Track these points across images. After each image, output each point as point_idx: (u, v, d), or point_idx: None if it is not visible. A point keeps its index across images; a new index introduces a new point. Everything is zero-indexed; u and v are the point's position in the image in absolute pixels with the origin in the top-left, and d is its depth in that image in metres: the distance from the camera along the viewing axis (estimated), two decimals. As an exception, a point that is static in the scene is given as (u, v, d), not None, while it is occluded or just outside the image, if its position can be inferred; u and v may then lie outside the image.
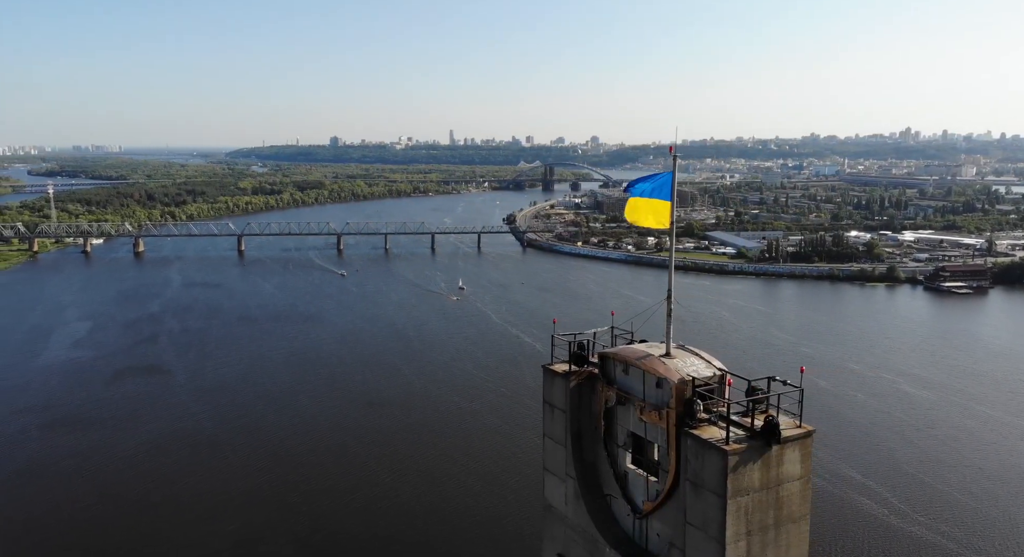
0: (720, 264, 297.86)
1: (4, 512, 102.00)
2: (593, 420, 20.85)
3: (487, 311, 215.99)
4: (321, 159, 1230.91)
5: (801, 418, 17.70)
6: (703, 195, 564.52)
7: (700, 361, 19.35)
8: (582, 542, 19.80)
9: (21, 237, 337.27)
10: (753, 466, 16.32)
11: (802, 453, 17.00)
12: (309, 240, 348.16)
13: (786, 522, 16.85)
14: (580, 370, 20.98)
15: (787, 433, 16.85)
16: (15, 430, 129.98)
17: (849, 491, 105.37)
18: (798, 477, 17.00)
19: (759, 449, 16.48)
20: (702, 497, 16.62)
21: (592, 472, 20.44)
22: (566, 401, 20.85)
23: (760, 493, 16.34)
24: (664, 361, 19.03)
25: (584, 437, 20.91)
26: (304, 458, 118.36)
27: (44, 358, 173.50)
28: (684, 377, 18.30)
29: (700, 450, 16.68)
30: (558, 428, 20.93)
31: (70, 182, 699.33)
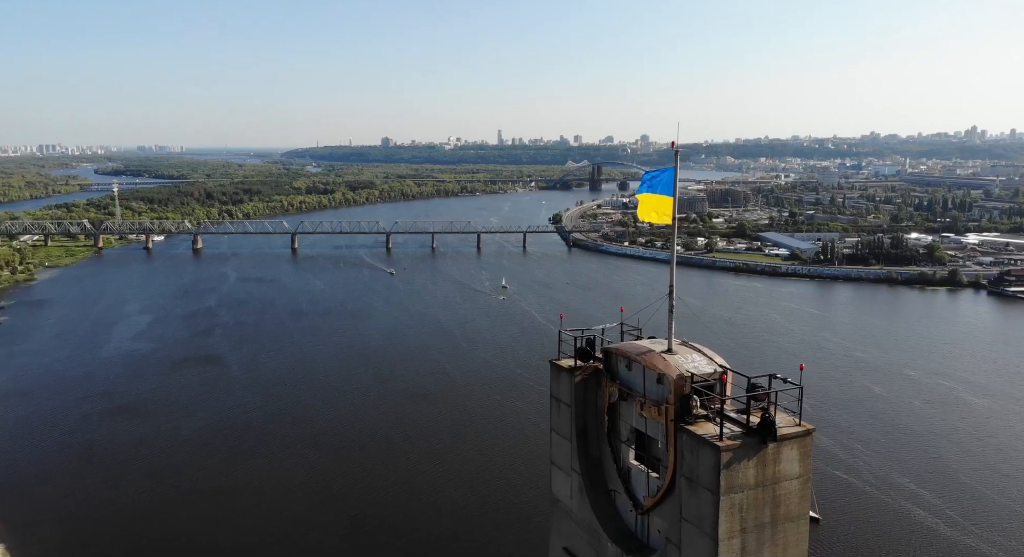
0: (773, 266, 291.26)
1: (66, 493, 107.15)
2: (598, 415, 20.84)
3: (531, 310, 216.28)
4: (373, 159, 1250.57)
5: (800, 416, 17.38)
6: (756, 195, 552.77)
7: (702, 358, 19.16)
8: (586, 536, 19.82)
9: (87, 233, 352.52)
10: (748, 463, 16.04)
11: (801, 452, 16.64)
12: (359, 239, 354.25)
13: (784, 521, 16.50)
14: (585, 365, 20.98)
15: (785, 431, 16.55)
16: (78, 416, 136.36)
17: (901, 499, 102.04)
18: (796, 476, 16.64)
19: (754, 446, 16.22)
20: (697, 493, 16.47)
21: (597, 467, 20.43)
22: (571, 396, 20.90)
23: (756, 490, 16.06)
24: (665, 357, 18.92)
25: (589, 432, 20.91)
26: (349, 450, 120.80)
27: (107, 349, 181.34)
28: (683, 373, 18.15)
29: (695, 446, 16.52)
30: (564, 423, 20.99)
31: (134, 181, 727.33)
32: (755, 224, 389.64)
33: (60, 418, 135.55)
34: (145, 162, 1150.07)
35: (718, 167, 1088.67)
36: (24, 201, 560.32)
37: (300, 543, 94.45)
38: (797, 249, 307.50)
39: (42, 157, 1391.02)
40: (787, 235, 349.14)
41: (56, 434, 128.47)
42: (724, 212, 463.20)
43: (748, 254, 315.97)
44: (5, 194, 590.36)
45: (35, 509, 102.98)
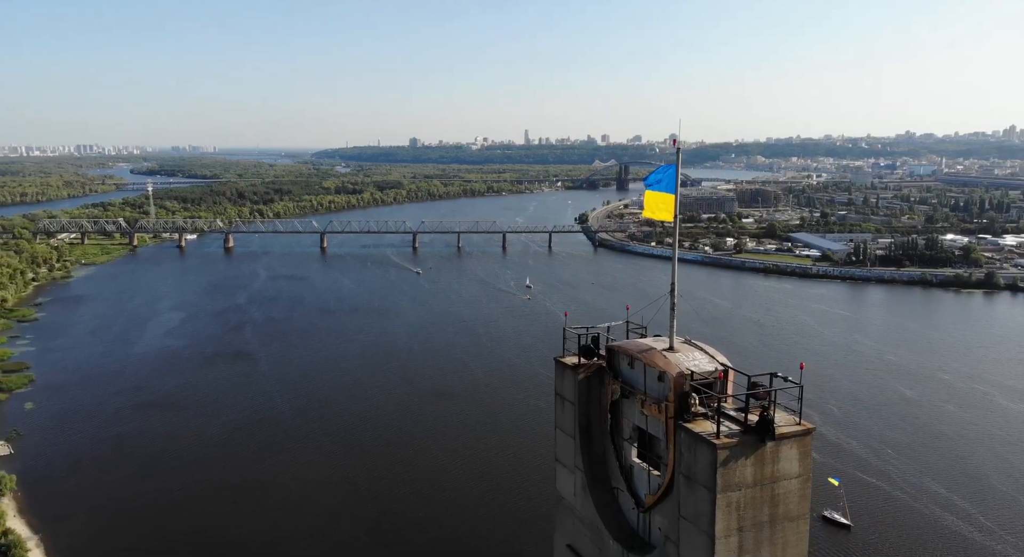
0: (803, 267, 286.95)
1: (98, 485, 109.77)
2: (601, 413, 20.81)
3: (555, 309, 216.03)
4: (400, 160, 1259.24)
5: (801, 415, 17.13)
6: (787, 195, 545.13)
7: (703, 356, 18.99)
8: (589, 533, 19.82)
9: (123, 232, 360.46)
10: (745, 461, 15.92)
11: (800, 451, 16.41)
12: (387, 238, 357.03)
13: (783, 520, 16.30)
14: (588, 363, 20.94)
15: (784, 430, 16.33)
16: (112, 410, 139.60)
17: (932, 505, 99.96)
18: (796, 475, 16.43)
19: (752, 445, 16.04)
20: (694, 491, 16.41)
21: (600, 464, 20.40)
22: (575, 393, 20.88)
23: (753, 489, 15.90)
24: (666, 355, 18.79)
25: (593, 429, 20.89)
26: (374, 447, 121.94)
27: (140, 345, 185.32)
28: (683, 371, 18.03)
29: (692, 443, 16.44)
30: (568, 420, 21.01)
31: (168, 181, 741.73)
32: (785, 224, 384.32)
33: (94, 411, 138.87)
34: (179, 162, 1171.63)
35: (748, 167, 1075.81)
36: (62, 200, 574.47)
37: (326, 538, 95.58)
38: (828, 250, 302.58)
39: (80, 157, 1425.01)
40: (818, 236, 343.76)
41: (90, 427, 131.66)
42: (754, 212, 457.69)
43: (778, 255, 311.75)
44: (44, 193, 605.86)
45: (68, 501, 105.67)
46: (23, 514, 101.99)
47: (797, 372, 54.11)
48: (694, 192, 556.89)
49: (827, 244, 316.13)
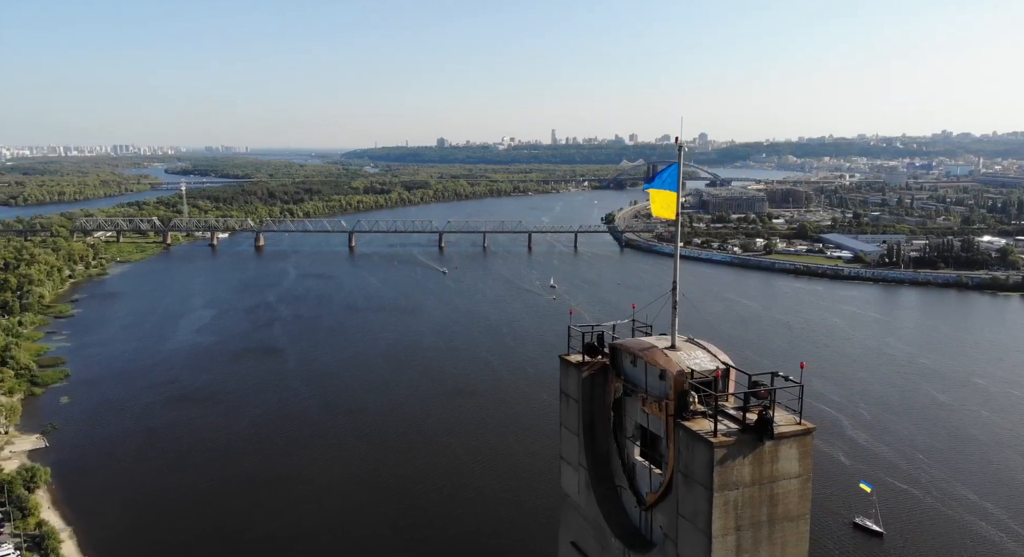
0: (835, 268, 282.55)
1: (130, 478, 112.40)
2: (605, 411, 20.88)
3: (580, 309, 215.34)
4: (428, 160, 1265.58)
5: (801, 415, 16.92)
6: (819, 195, 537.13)
7: (705, 354, 18.91)
8: (592, 531, 19.87)
9: (157, 230, 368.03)
10: (743, 460, 15.89)
11: (800, 451, 16.25)
12: (413, 237, 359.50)
13: (782, 520, 16.19)
14: (592, 361, 21.01)
15: (783, 429, 16.19)
16: (144, 404, 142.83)
17: (964, 512, 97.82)
18: (795, 475, 16.29)
19: (750, 444, 15.95)
20: (692, 489, 16.44)
21: (604, 462, 20.44)
22: (579, 391, 20.97)
23: (752, 488, 15.83)
24: (667, 353, 18.75)
25: (596, 427, 20.96)
26: (397, 443, 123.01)
27: (172, 341, 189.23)
28: (683, 369, 18.00)
29: (690, 442, 16.47)
30: (572, 418, 21.12)
31: (201, 180, 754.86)
32: (817, 225, 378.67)
33: (126, 406, 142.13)
34: (212, 162, 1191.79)
35: (779, 166, 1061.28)
36: (99, 199, 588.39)
37: (348, 534, 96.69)
38: (861, 251, 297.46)
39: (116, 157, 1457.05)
40: (850, 237, 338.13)
41: (122, 421, 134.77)
42: (784, 213, 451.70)
43: (809, 256, 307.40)
44: (81, 192, 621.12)
45: (100, 494, 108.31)
46: (57, 506, 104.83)
47: (817, 372, 52.55)
48: (723, 192, 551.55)
49: (859, 245, 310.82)
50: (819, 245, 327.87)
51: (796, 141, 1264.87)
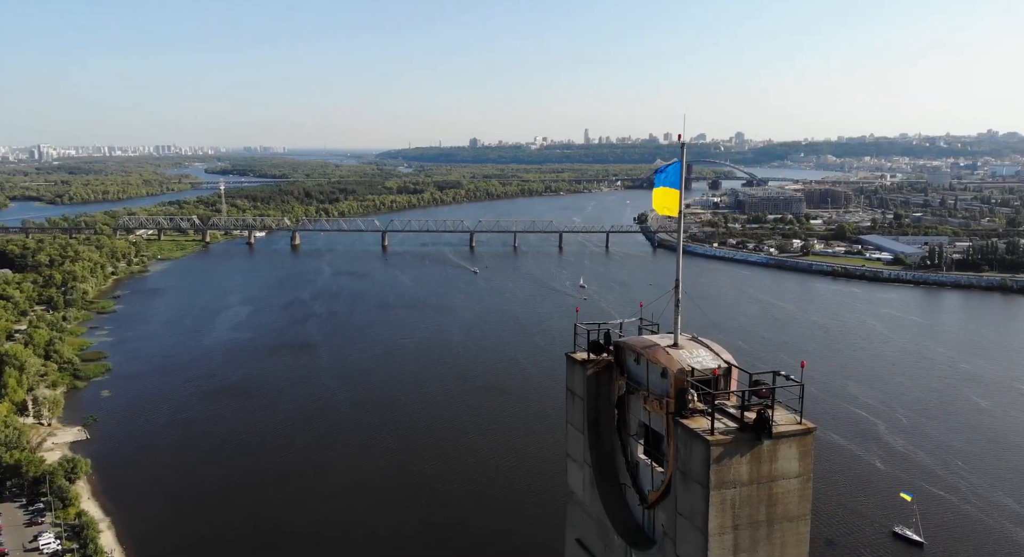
0: (874, 270, 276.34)
1: (167, 469, 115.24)
2: (610, 408, 20.80)
3: (611, 311, 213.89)
4: (461, 160, 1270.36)
5: (802, 415, 16.60)
6: (858, 196, 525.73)
7: (707, 352, 18.68)
8: (596, 529, 19.79)
9: (196, 229, 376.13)
10: (741, 459, 15.70)
11: (800, 451, 15.92)
12: (445, 237, 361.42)
13: (781, 520, 15.88)
14: (597, 359, 20.92)
15: (782, 429, 15.89)
16: (182, 398, 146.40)
17: (1004, 521, 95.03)
18: (795, 475, 15.97)
19: (748, 442, 15.72)
20: (690, 487, 16.31)
21: (608, 460, 20.34)
22: (584, 389, 20.90)
23: (749, 487, 15.59)
24: (669, 351, 18.57)
25: (601, 425, 20.88)
26: (426, 440, 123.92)
27: (210, 336, 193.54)
28: (684, 367, 17.82)
29: (688, 440, 16.34)
30: (577, 415, 21.07)
31: (239, 180, 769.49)
32: (856, 226, 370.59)
33: (165, 399, 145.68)
34: (250, 162, 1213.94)
35: (818, 166, 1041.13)
36: (141, 198, 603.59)
37: (379, 529, 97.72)
38: (901, 253, 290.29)
39: (158, 157, 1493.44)
40: (891, 238, 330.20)
41: (160, 414, 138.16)
42: (823, 213, 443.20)
43: (847, 258, 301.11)
44: (124, 191, 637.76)
45: (138, 485, 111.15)
46: (96, 497, 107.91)
47: (853, 375, 51.39)
48: (759, 192, 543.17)
49: (900, 247, 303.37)
50: (858, 247, 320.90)
51: (835, 140, 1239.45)
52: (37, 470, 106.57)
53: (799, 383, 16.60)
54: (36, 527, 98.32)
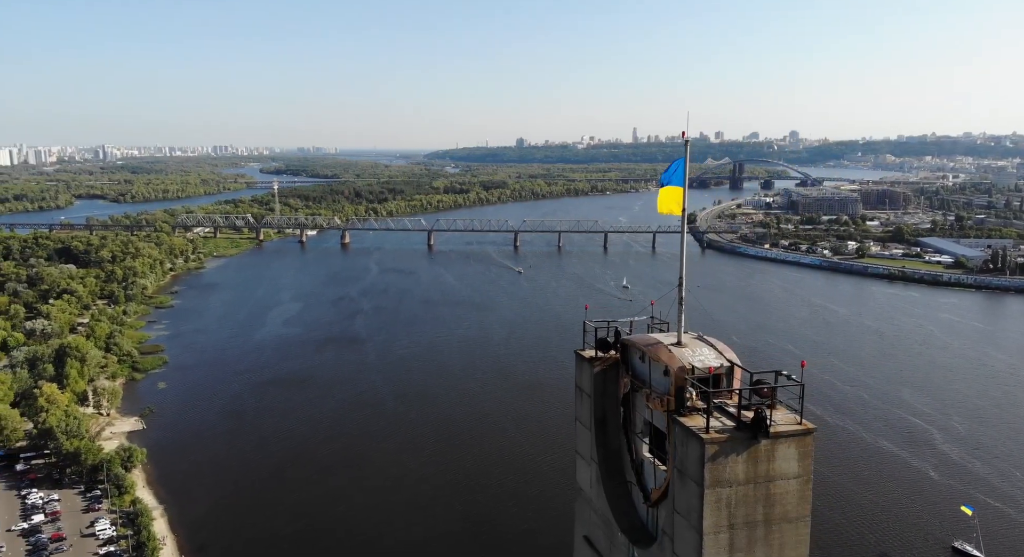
0: (933, 274, 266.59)
1: (217, 459, 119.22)
2: (616, 406, 20.71)
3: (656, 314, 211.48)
4: (507, 160, 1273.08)
5: (802, 415, 16.21)
6: (918, 196, 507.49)
7: (710, 351, 18.42)
8: (602, 526, 19.73)
9: (250, 227, 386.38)
10: (737, 458, 15.49)
11: (800, 451, 15.55)
12: (489, 236, 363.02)
13: (780, 521, 15.54)
14: (604, 356, 20.86)
15: (781, 429, 15.57)
16: (234, 389, 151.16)
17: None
18: (794, 476, 15.60)
19: (744, 441, 15.47)
20: (686, 485, 16.18)
21: (615, 458, 20.26)
22: (591, 386, 20.85)
23: (746, 487, 15.32)
24: (671, 349, 18.39)
25: (608, 423, 20.81)
26: (467, 437, 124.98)
27: (262, 330, 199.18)
28: (684, 365, 17.63)
29: (684, 437, 16.21)
30: (585, 413, 21.05)
31: (293, 180, 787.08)
32: (915, 228, 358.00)
33: (218, 391, 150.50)
34: (304, 162, 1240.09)
35: (876, 166, 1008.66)
36: (199, 197, 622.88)
37: (420, 522, 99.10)
38: (963, 256, 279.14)
39: (216, 157, 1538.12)
40: (951, 241, 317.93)
41: (213, 406, 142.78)
42: (880, 215, 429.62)
43: (905, 260, 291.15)
44: (183, 190, 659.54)
45: (191, 474, 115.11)
46: (151, 485, 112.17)
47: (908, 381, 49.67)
48: (814, 192, 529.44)
49: (961, 250, 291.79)
50: (916, 249, 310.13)
51: (895, 139, 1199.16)
52: (95, 458, 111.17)
53: (799, 383, 16.33)
54: (93, 513, 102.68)
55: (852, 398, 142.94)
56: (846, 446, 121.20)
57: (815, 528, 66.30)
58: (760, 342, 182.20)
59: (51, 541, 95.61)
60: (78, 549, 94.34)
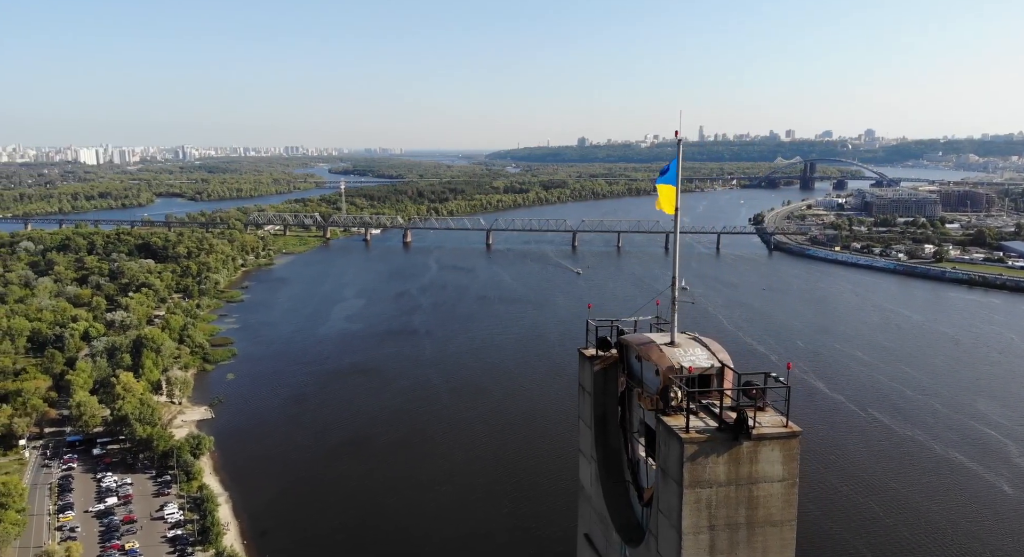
0: (1016, 280, 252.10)
1: (280, 448, 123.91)
2: (615, 405, 20.56)
3: (718, 315, 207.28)
4: (568, 159, 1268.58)
5: (788, 417, 15.70)
6: (1003, 198, 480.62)
7: (703, 352, 18.06)
8: (600, 523, 19.65)
9: (318, 225, 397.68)
10: (718, 459, 15.19)
11: (784, 454, 15.06)
12: (547, 236, 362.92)
13: (763, 524, 15.10)
14: (604, 355, 20.73)
15: (764, 431, 15.14)
16: (298, 380, 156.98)
17: None
18: (779, 479, 15.13)
19: (725, 442, 15.12)
20: (668, 485, 15.97)
21: (614, 456, 20.13)
22: (592, 384, 20.76)
23: (727, 488, 14.97)
24: (663, 349, 18.13)
25: (608, 422, 20.71)
26: (517, 435, 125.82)
27: (326, 324, 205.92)
28: (673, 365, 17.34)
29: (667, 437, 16.01)
30: (587, 411, 20.99)
31: (359, 180, 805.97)
32: (998, 232, 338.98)
33: (283, 382, 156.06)
34: (370, 162, 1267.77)
35: (958, 166, 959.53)
36: (270, 196, 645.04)
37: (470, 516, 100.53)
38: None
39: (287, 157, 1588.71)
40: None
41: (278, 397, 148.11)
42: (960, 217, 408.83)
43: (987, 266, 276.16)
44: (256, 189, 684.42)
45: (255, 462, 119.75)
46: (217, 472, 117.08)
47: (983, 391, 47.38)
48: (889, 193, 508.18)
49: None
50: (999, 254, 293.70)
51: (979, 138, 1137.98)
52: (166, 445, 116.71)
53: (786, 385, 15.96)
54: (163, 498, 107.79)
55: (923, 407, 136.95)
56: (915, 457, 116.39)
57: (880, 539, 64.45)
58: (824, 347, 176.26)
59: (123, 523, 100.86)
60: (147, 531, 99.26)
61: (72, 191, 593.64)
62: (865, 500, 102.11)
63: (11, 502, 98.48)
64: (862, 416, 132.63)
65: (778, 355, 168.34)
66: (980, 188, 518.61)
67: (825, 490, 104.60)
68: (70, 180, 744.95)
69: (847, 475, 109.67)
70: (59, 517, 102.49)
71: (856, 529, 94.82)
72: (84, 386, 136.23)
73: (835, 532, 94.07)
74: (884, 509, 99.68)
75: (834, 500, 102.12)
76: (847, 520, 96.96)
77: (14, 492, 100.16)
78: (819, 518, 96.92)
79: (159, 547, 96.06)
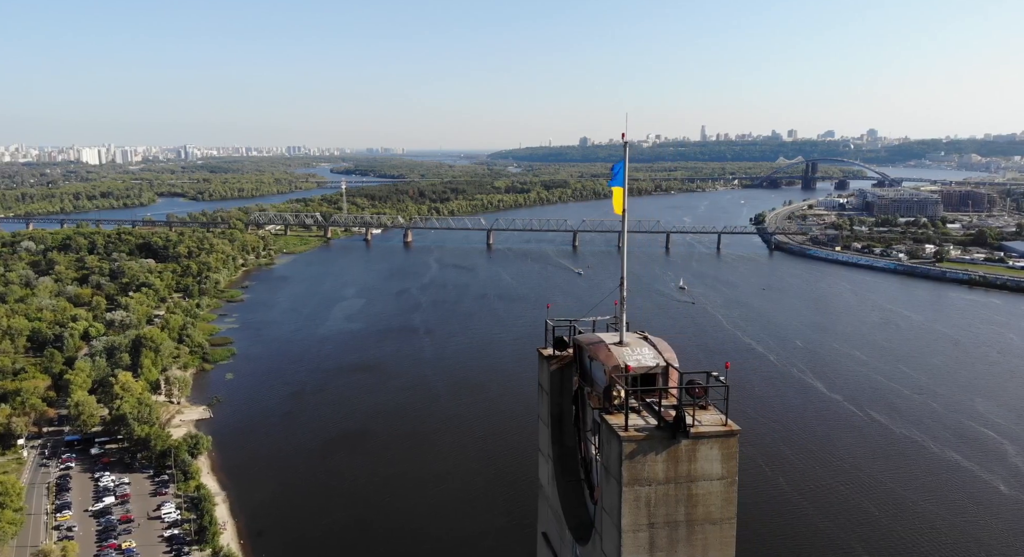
0: (1017, 280, 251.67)
1: (278, 448, 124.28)
2: (570, 404, 20.76)
3: (716, 314, 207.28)
4: (570, 159, 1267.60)
5: (727, 416, 15.86)
6: (1004, 198, 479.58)
7: (650, 351, 18.23)
8: (555, 522, 19.86)
9: (319, 225, 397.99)
10: (656, 457, 15.37)
11: (723, 453, 15.22)
12: (548, 236, 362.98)
13: (703, 522, 15.29)
14: (560, 354, 20.97)
15: (702, 429, 15.32)
16: (296, 381, 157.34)
17: None
18: (717, 477, 15.30)
19: (664, 441, 15.32)
20: (609, 483, 16.17)
21: (570, 455, 20.37)
22: (549, 383, 20.97)
23: (665, 486, 15.17)
24: (610, 348, 18.31)
25: (564, 421, 20.93)
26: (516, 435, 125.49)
27: (326, 323, 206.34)
28: (619, 364, 17.52)
29: (608, 436, 16.24)
30: (545, 410, 21.23)
31: (361, 179, 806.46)
32: (999, 232, 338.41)
33: (281, 382, 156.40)
34: (372, 162, 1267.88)
35: (960, 166, 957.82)
36: (272, 196, 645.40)
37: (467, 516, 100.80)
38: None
39: (289, 157, 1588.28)
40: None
41: (277, 397, 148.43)
42: (962, 217, 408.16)
43: (987, 266, 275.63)
44: (257, 189, 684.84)
45: (253, 462, 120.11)
46: (215, 472, 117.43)
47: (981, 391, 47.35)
48: (891, 193, 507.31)
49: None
50: (1000, 254, 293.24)
51: (981, 138, 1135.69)
52: (164, 444, 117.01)
53: (725, 385, 16.14)
54: (160, 497, 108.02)
55: (921, 407, 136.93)
56: (912, 456, 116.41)
57: (882, 538, 64.57)
58: (823, 346, 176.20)
59: (120, 522, 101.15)
60: (144, 531, 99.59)
61: (74, 191, 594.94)
62: (861, 499, 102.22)
63: (9, 501, 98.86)
64: (859, 415, 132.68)
65: (776, 354, 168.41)
66: (982, 188, 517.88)
67: (821, 489, 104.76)
68: (72, 180, 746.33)
69: (844, 474, 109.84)
70: (56, 516, 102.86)
71: (852, 528, 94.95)
72: (83, 386, 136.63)
73: (831, 531, 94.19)
74: (880, 508, 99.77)
75: (830, 499, 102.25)
76: (843, 519, 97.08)
77: (12, 491, 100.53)
78: (815, 517, 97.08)
79: (156, 546, 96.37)
